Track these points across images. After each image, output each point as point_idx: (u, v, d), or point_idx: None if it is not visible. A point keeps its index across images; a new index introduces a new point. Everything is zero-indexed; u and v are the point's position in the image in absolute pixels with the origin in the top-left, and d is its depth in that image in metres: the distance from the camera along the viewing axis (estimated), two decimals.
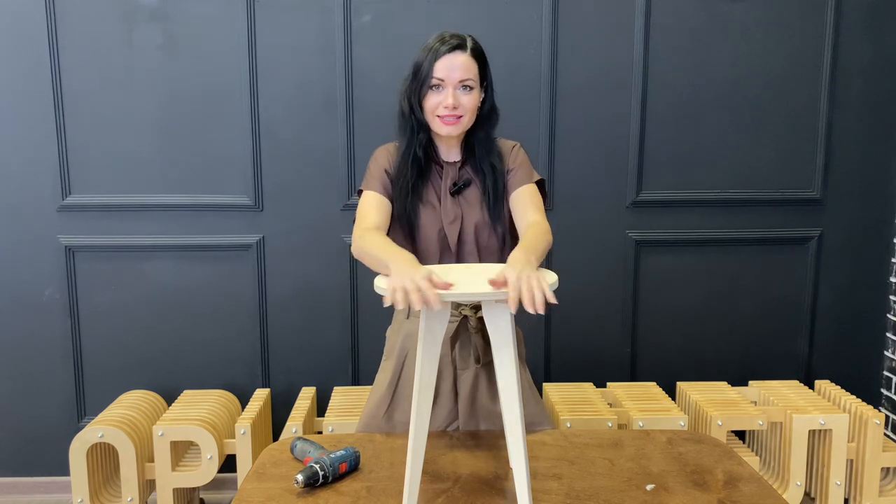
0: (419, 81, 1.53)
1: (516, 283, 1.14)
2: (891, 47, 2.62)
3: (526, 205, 1.55)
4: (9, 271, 2.59)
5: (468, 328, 1.60)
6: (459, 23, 2.51)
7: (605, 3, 2.55)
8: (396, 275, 1.20)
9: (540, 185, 1.63)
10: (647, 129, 2.61)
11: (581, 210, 2.64)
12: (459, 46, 1.50)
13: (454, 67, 1.49)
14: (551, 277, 1.25)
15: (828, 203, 2.69)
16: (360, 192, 1.61)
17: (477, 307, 1.60)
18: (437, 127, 1.54)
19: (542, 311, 1.13)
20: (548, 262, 2.65)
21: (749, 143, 2.64)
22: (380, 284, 1.21)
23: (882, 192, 2.70)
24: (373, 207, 1.55)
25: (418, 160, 1.57)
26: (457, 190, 1.59)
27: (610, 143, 2.61)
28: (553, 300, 1.15)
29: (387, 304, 1.18)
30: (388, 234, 1.52)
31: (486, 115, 1.59)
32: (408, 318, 1.65)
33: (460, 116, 1.52)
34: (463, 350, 1.61)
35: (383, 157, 1.61)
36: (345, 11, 2.50)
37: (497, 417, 1.60)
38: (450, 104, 1.49)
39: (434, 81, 1.50)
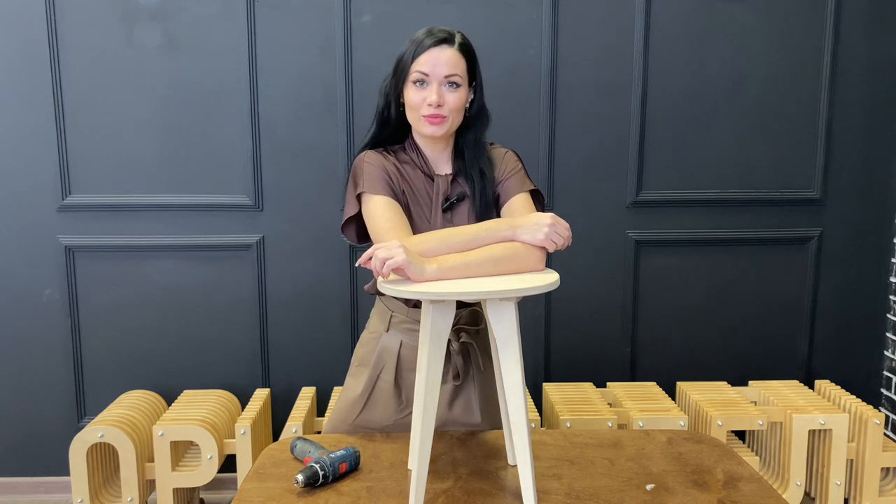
0: (399, 75, 1.44)
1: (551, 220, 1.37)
2: (891, 48, 2.62)
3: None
4: (9, 271, 2.59)
5: (450, 350, 1.53)
6: (459, 23, 2.50)
7: (605, 4, 2.55)
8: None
9: (535, 194, 1.53)
10: (647, 129, 2.61)
11: (581, 210, 2.63)
12: (446, 40, 1.41)
13: (439, 62, 1.39)
14: (552, 277, 1.25)
15: (828, 203, 2.69)
16: (358, 197, 1.46)
17: (459, 331, 1.54)
18: (422, 126, 1.43)
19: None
20: (548, 262, 2.65)
21: (749, 143, 2.64)
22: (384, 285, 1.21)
23: (882, 192, 2.70)
24: (389, 215, 1.39)
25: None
26: (449, 206, 1.47)
27: (610, 143, 2.61)
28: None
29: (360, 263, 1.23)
30: None
31: (475, 116, 1.48)
32: (387, 331, 1.59)
33: (445, 117, 1.40)
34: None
35: (377, 160, 1.46)
36: (345, 11, 2.50)
37: (469, 427, 1.60)
38: (434, 101, 1.38)
39: (417, 76, 1.40)
